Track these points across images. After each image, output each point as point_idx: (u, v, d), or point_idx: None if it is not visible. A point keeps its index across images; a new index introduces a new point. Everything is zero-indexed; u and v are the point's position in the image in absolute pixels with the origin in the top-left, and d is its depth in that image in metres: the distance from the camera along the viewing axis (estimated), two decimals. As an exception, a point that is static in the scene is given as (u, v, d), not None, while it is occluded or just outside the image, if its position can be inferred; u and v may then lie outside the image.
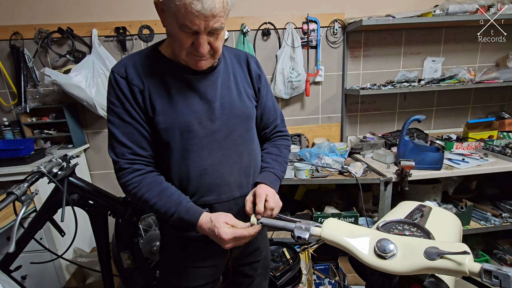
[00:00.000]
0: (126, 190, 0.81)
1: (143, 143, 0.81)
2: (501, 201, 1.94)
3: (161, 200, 0.78)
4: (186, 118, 0.79)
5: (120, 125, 0.79)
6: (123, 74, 0.78)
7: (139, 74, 0.78)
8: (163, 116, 0.79)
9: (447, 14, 1.88)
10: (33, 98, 1.96)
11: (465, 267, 0.49)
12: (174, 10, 0.67)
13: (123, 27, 1.96)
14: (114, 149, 0.80)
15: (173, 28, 0.71)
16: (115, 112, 0.78)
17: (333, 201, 2.05)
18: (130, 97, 0.78)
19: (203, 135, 0.81)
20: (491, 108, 2.37)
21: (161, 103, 0.79)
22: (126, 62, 0.80)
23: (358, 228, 0.64)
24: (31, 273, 1.70)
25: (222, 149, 0.84)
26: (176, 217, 0.78)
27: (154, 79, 0.79)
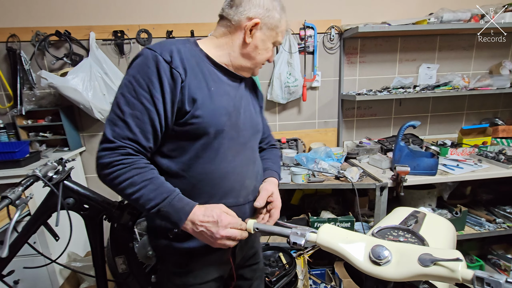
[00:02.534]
0: (108, 172, 0.70)
1: (149, 134, 0.74)
2: (495, 207, 1.96)
3: (152, 184, 0.71)
4: (221, 118, 0.80)
5: (135, 106, 0.72)
6: (168, 58, 0.73)
7: (183, 63, 0.75)
8: (203, 110, 0.76)
9: (441, 22, 1.91)
10: (29, 101, 1.95)
11: (458, 274, 0.49)
12: (278, 30, 0.84)
13: (121, 31, 1.96)
14: (115, 127, 0.71)
15: (266, 43, 0.84)
16: (136, 92, 0.72)
17: (329, 206, 2.05)
18: (167, 84, 0.72)
19: (231, 137, 0.83)
20: (485, 115, 2.40)
21: (202, 98, 0.76)
22: (171, 48, 0.75)
23: (353, 234, 0.64)
24: (24, 277, 1.68)
25: (242, 154, 0.87)
26: (166, 203, 0.71)
27: (196, 73, 0.78)
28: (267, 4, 0.80)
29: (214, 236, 0.73)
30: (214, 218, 0.72)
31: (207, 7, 2.00)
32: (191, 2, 1.99)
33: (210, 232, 0.73)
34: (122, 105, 0.72)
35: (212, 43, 0.85)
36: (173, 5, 1.99)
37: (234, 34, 0.83)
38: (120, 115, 0.72)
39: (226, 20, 0.83)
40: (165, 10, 1.99)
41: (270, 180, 0.96)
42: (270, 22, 0.81)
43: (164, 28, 1.98)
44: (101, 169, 0.72)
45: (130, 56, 2.02)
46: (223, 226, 0.72)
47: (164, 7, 1.99)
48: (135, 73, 0.73)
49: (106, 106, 1.92)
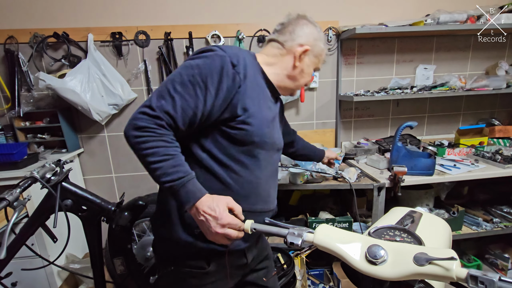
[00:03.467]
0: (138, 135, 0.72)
1: (187, 119, 0.76)
2: (492, 207, 1.97)
3: (173, 161, 0.73)
4: (265, 129, 0.86)
5: (187, 89, 0.75)
6: (235, 62, 0.79)
7: (245, 71, 0.81)
8: (254, 119, 0.82)
9: (438, 23, 1.93)
10: (27, 102, 1.95)
11: (452, 273, 0.50)
12: (321, 58, 0.97)
13: (119, 32, 1.96)
14: (162, 100, 0.74)
15: (310, 68, 0.96)
16: (194, 79, 0.75)
17: (327, 206, 2.06)
18: (224, 85, 0.77)
19: (267, 149, 0.90)
20: (482, 115, 2.42)
21: (253, 107, 0.82)
22: (239, 54, 0.81)
23: (350, 234, 0.65)
24: (21, 279, 1.67)
25: (271, 165, 0.95)
26: (179, 183, 0.73)
27: (252, 82, 0.83)
28: (315, 34, 0.94)
29: (211, 230, 0.74)
30: (216, 213, 0.73)
31: (205, 9, 2.01)
32: (189, 4, 2.00)
33: (209, 225, 0.74)
34: (176, 83, 0.75)
35: (264, 61, 0.93)
36: (171, 6, 2.00)
37: (284, 57, 0.93)
38: (171, 91, 0.75)
39: (278, 43, 0.94)
40: (163, 11, 2.00)
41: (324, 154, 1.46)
42: (316, 50, 0.94)
43: (162, 30, 1.99)
44: (132, 129, 0.73)
45: (128, 57, 2.03)
46: (222, 224, 0.73)
47: (162, 9, 2.00)
48: (200, 63, 0.77)
49: (104, 107, 1.92)
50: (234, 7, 2.03)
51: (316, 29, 0.95)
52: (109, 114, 1.97)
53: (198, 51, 0.81)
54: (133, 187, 2.19)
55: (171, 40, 2.00)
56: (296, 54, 0.91)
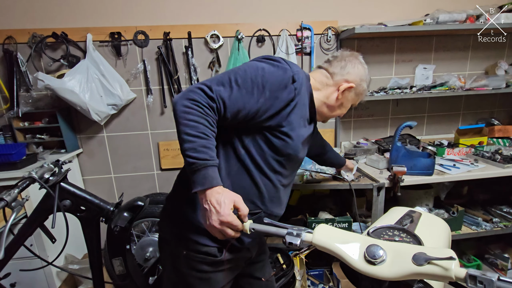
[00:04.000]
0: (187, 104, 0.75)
1: (235, 109, 0.79)
2: (491, 206, 1.97)
3: (206, 140, 0.75)
4: (300, 145, 0.92)
5: (246, 86, 0.80)
6: (296, 78, 0.85)
7: (300, 89, 0.87)
8: (295, 133, 0.88)
9: (437, 23, 1.93)
10: (26, 103, 1.95)
11: (451, 273, 0.50)
12: (361, 97, 1.05)
13: (118, 32, 1.96)
14: (221, 86, 0.78)
15: (348, 103, 1.04)
16: (256, 78, 0.80)
17: (327, 207, 2.06)
18: (281, 94, 0.83)
19: (295, 161, 0.96)
20: (481, 115, 2.42)
21: (297, 122, 0.88)
22: (300, 74, 0.88)
23: (349, 234, 0.64)
24: (20, 280, 1.67)
25: (292, 176, 1.02)
26: (201, 164, 0.74)
27: (301, 101, 0.88)
28: (363, 75, 1.00)
29: (209, 221, 0.74)
30: (219, 208, 0.72)
31: (204, 9, 2.01)
32: (188, 4, 2.00)
33: (209, 215, 0.74)
34: (239, 76, 0.80)
35: (313, 84, 0.98)
36: (170, 6, 2.00)
37: (330, 87, 1.00)
38: (232, 81, 0.79)
39: (328, 73, 1.00)
40: (162, 11, 2.00)
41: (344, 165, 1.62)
42: (359, 89, 1.01)
43: (161, 30, 1.99)
44: (184, 98, 0.76)
45: (127, 57, 2.02)
46: (221, 220, 0.73)
47: (161, 9, 2.00)
48: (266, 68, 0.83)
49: (103, 107, 1.92)
50: (233, 7, 2.03)
51: (365, 71, 1.01)
52: (108, 114, 1.97)
53: (267, 57, 0.87)
54: (132, 187, 2.19)
55: (170, 40, 2.00)
56: (341, 88, 0.98)
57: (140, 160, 2.17)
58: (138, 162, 2.17)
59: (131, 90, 2.04)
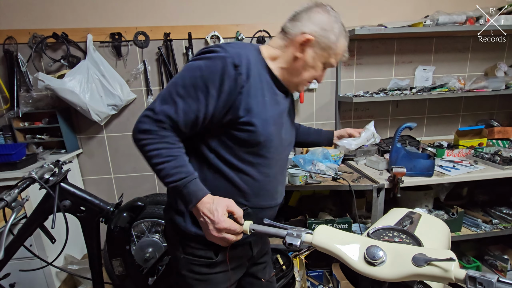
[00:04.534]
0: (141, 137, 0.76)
1: (189, 122, 0.77)
2: (491, 208, 1.97)
3: (176, 161, 0.76)
4: (271, 128, 0.84)
5: (189, 92, 0.75)
6: (237, 63, 0.76)
7: (248, 71, 0.78)
8: (258, 119, 0.80)
9: (437, 25, 1.93)
10: (26, 103, 1.95)
11: (451, 274, 0.50)
12: (331, 52, 0.84)
13: (118, 33, 1.97)
14: (165, 104, 0.75)
15: (317, 63, 0.85)
16: (196, 82, 0.75)
17: (327, 207, 2.06)
18: (226, 88, 0.75)
19: (275, 146, 0.88)
20: (481, 116, 2.42)
21: (257, 106, 0.80)
22: (242, 54, 0.78)
23: (349, 235, 0.65)
24: (19, 281, 1.66)
25: (280, 162, 0.94)
26: (182, 183, 0.75)
27: (256, 81, 0.80)
28: (325, 24, 0.82)
29: (209, 232, 0.75)
30: (214, 217, 0.73)
31: (205, 10, 2.01)
32: (189, 5, 2.00)
33: (207, 227, 0.75)
34: (179, 86, 0.76)
35: (268, 54, 0.87)
36: (171, 7, 2.00)
37: (288, 48, 0.85)
38: (173, 94, 0.76)
39: (284, 33, 0.86)
40: (162, 12, 2.00)
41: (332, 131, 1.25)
42: (324, 42, 0.82)
43: (161, 30, 1.99)
44: (137, 132, 0.77)
45: (127, 58, 2.03)
46: (218, 228, 0.73)
47: (161, 10, 2.00)
48: (202, 65, 0.75)
49: (103, 108, 1.92)
50: (234, 8, 2.03)
51: (329, 18, 0.83)
52: (108, 114, 1.97)
53: (201, 51, 0.79)
54: (132, 188, 2.19)
55: (171, 41, 2.00)
56: (296, 44, 0.83)
57: (140, 160, 2.15)
58: (138, 163, 2.16)
59: (131, 91, 2.05)
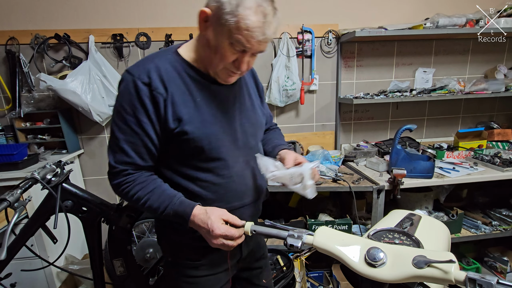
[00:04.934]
0: (119, 191, 0.80)
1: (145, 155, 0.79)
2: (491, 209, 1.98)
3: (155, 195, 0.78)
4: (213, 127, 0.80)
5: (127, 132, 0.76)
6: (145, 80, 0.73)
7: (163, 81, 0.75)
8: (191, 125, 0.77)
9: (437, 27, 1.94)
10: (28, 103, 1.95)
11: (451, 276, 0.50)
12: (232, 27, 0.67)
13: (120, 34, 1.97)
14: (115, 153, 0.78)
15: (221, 41, 0.71)
16: (124, 118, 0.75)
17: (327, 209, 2.06)
18: (149, 106, 0.74)
19: (228, 143, 0.83)
20: (481, 118, 2.43)
21: (188, 113, 0.77)
22: (149, 67, 0.75)
23: (350, 236, 0.65)
24: (20, 280, 1.67)
25: (243, 156, 0.88)
26: (169, 210, 0.77)
27: (178, 86, 0.77)
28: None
29: (208, 241, 0.76)
30: (207, 227, 0.74)
31: (206, 11, 2.02)
32: (190, 6, 2.01)
33: (206, 237, 0.76)
34: (116, 133, 0.77)
35: (191, 46, 0.82)
36: (172, 8, 2.01)
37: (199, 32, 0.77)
38: (117, 142, 0.77)
39: None
40: (164, 13, 2.01)
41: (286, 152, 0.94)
42: (220, 15, 0.68)
43: (163, 32, 2.00)
44: (113, 189, 0.82)
45: (129, 59, 2.03)
46: (215, 235, 0.73)
47: (163, 11, 2.01)
48: (121, 100, 0.76)
49: (105, 108, 1.92)
50: (235, 9, 2.04)
51: None
52: (109, 115, 1.98)
53: (118, 85, 0.79)
54: (132, 188, 2.19)
55: (172, 42, 2.01)
56: (200, 24, 0.74)
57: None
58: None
59: (133, 92, 2.05)
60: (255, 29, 0.68)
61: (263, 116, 0.98)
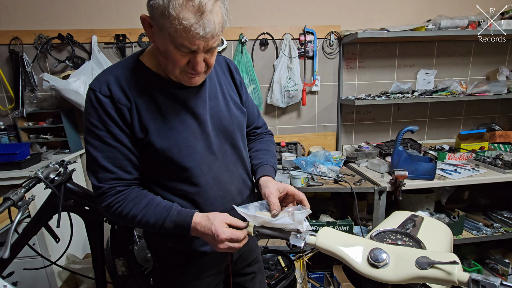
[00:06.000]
0: (110, 212, 0.75)
1: (128, 167, 0.75)
2: (492, 211, 1.98)
3: (150, 210, 0.74)
4: (182, 135, 0.76)
5: (103, 149, 0.72)
6: (106, 92, 0.71)
7: (125, 91, 0.72)
8: (158, 135, 0.74)
9: (439, 29, 1.94)
10: (31, 103, 1.96)
11: (454, 277, 0.50)
12: (170, 31, 0.63)
13: (123, 35, 1.98)
14: (97, 174, 0.74)
15: (167, 46, 0.66)
16: (97, 135, 0.72)
17: (328, 210, 2.06)
18: (117, 118, 0.71)
19: (201, 149, 0.80)
20: (482, 120, 2.43)
21: (154, 123, 0.74)
22: (108, 79, 0.72)
23: (352, 237, 0.65)
24: (22, 279, 1.67)
25: (219, 161, 0.84)
26: (168, 223, 0.74)
27: (142, 95, 0.74)
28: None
29: (215, 246, 0.74)
30: (212, 232, 0.71)
31: (209, 12, 2.02)
32: (193, 7, 2.02)
33: (210, 243, 0.75)
34: (92, 152, 0.73)
35: (152, 52, 0.77)
36: (175, 9, 2.02)
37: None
38: (95, 162, 0.73)
39: None
40: (166, 14, 2.02)
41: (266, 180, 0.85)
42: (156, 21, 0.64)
43: (165, 32, 2.00)
44: (104, 212, 0.77)
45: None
46: (221, 240, 0.71)
47: (166, 12, 2.01)
48: (89, 117, 0.72)
49: (107, 108, 1.93)
50: (237, 10, 2.05)
51: None
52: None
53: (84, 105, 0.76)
54: (134, 188, 2.19)
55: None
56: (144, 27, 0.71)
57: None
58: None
59: (135, 92, 2.06)
60: (192, 27, 0.62)
61: (241, 115, 0.90)
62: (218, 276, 0.94)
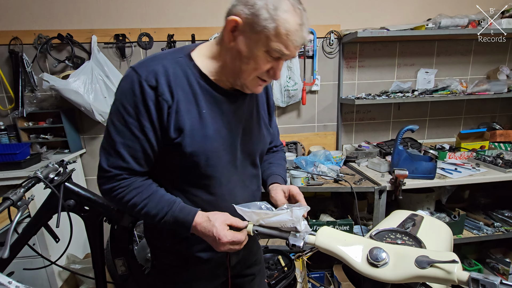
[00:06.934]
0: (110, 196, 0.73)
1: (142, 160, 0.73)
2: (493, 211, 1.97)
3: (152, 201, 0.73)
4: (214, 144, 0.75)
5: (125, 135, 0.70)
6: (152, 83, 0.68)
7: (170, 87, 0.69)
8: (192, 139, 0.72)
9: (439, 28, 1.94)
10: (31, 103, 1.96)
11: (453, 276, 0.50)
12: (270, 33, 0.64)
13: (122, 34, 1.98)
14: (109, 156, 0.71)
15: (255, 50, 0.67)
16: (125, 120, 0.69)
17: (328, 209, 2.06)
18: (153, 111, 0.69)
19: (226, 161, 0.79)
20: (483, 119, 2.42)
21: (191, 124, 0.72)
22: (156, 69, 0.69)
23: (352, 236, 0.65)
24: (22, 279, 1.66)
25: (237, 175, 0.83)
26: (169, 217, 0.72)
27: (186, 94, 0.71)
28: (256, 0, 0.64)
29: (216, 248, 0.73)
30: (213, 235, 0.70)
31: (208, 11, 2.02)
32: (192, 7, 2.02)
33: (212, 244, 0.74)
34: (113, 134, 0.70)
35: (208, 52, 0.76)
36: (174, 9, 2.02)
37: (224, 39, 0.71)
38: (113, 145, 0.71)
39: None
40: (166, 14, 2.02)
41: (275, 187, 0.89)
42: (256, 22, 0.64)
43: (165, 32, 2.01)
44: (104, 194, 0.75)
45: (131, 59, 2.04)
46: (223, 243, 0.70)
47: (165, 11, 2.01)
48: (122, 100, 0.69)
49: (107, 108, 1.93)
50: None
51: None
52: (111, 115, 1.98)
53: (120, 82, 0.72)
54: (134, 188, 2.19)
55: (174, 42, 2.02)
56: (228, 33, 0.68)
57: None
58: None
59: (135, 92, 2.06)
60: (294, 33, 0.65)
61: (268, 135, 0.92)
62: (215, 279, 0.94)
